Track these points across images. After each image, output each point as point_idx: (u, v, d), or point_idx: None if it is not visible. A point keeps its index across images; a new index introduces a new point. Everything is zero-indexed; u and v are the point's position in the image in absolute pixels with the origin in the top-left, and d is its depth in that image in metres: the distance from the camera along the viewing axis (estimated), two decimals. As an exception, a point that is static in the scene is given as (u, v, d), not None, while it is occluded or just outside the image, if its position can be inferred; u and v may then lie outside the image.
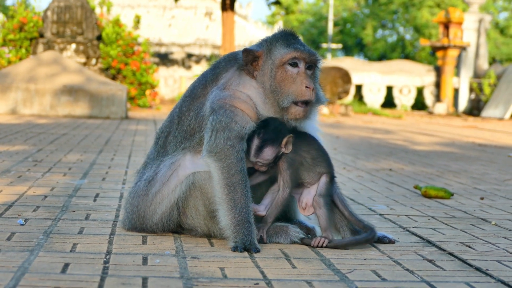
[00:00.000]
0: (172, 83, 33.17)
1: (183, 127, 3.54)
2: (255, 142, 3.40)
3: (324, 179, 3.49)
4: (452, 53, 29.42)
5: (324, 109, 22.69)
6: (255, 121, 3.44)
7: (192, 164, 3.46)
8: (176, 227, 3.58)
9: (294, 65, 3.44)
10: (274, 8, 60.70)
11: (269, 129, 3.40)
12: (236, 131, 3.37)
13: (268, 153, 3.40)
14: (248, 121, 3.41)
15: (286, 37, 3.49)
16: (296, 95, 3.42)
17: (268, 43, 3.49)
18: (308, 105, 3.45)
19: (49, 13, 20.03)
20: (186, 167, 3.48)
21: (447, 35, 29.39)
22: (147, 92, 21.92)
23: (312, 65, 3.48)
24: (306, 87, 3.41)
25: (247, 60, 3.47)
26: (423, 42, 30.93)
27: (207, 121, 3.44)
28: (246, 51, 3.48)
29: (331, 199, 3.52)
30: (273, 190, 3.49)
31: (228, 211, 3.34)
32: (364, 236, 3.48)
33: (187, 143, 3.52)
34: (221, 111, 3.40)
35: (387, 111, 28.46)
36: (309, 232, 3.62)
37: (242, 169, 3.37)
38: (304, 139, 3.51)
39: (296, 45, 3.46)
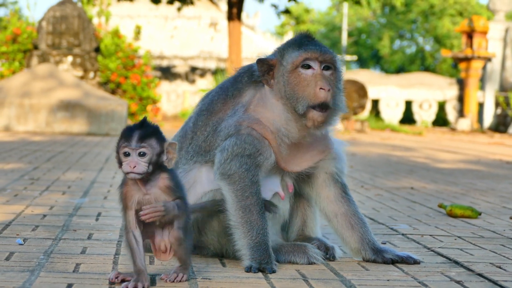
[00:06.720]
0: (175, 98, 33.28)
1: (197, 142, 3.56)
2: (138, 129, 3.02)
3: (178, 200, 3.08)
4: (476, 65, 29.42)
5: (338, 125, 22.71)
6: (278, 151, 3.47)
7: (209, 182, 3.51)
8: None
9: (307, 67, 3.42)
10: (283, 18, 60.93)
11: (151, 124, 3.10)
12: (258, 161, 3.43)
13: (153, 143, 3.00)
14: (271, 153, 3.46)
15: (299, 40, 3.49)
16: (310, 98, 3.40)
17: (281, 50, 3.51)
18: (328, 110, 3.43)
19: (44, 23, 20.18)
20: (203, 183, 3.52)
21: (471, 46, 29.41)
22: (149, 107, 22.00)
23: (329, 66, 3.45)
24: (321, 88, 3.39)
25: (263, 71, 3.49)
26: (445, 53, 30.96)
27: (224, 138, 3.47)
28: (260, 61, 3.50)
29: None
30: None
31: (245, 234, 3.38)
32: None
33: (200, 157, 3.55)
34: (248, 139, 3.42)
35: (406, 127, 28.45)
36: (327, 251, 3.64)
37: (257, 191, 3.40)
38: None
39: (307, 46, 3.44)
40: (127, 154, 3.01)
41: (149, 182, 3.04)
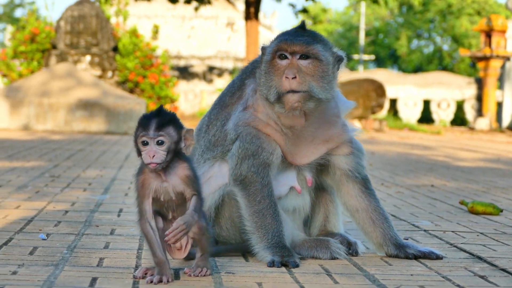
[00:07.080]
0: (193, 98, 33.33)
1: (208, 136, 3.59)
2: (155, 118, 3.02)
3: (194, 200, 3.06)
4: (495, 64, 29.28)
5: (356, 124, 22.68)
6: (283, 144, 3.46)
7: (223, 176, 3.51)
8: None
9: (284, 57, 3.38)
10: (301, 18, 60.89)
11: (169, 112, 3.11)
12: (263, 158, 3.42)
13: (171, 131, 3.00)
14: (275, 147, 3.45)
15: (288, 31, 3.47)
16: (277, 87, 3.36)
17: (272, 40, 3.49)
18: (300, 93, 3.34)
19: (62, 23, 20.26)
20: (218, 177, 3.53)
21: (489, 45, 29.27)
22: (167, 106, 22.05)
23: (308, 56, 3.37)
24: (286, 77, 3.34)
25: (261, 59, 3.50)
26: (463, 53, 30.84)
27: (230, 143, 3.48)
28: (262, 48, 3.49)
29: None
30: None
31: (260, 238, 3.40)
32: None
33: (209, 153, 3.56)
34: (248, 138, 3.43)
35: (425, 126, 28.35)
36: (350, 246, 3.64)
37: (268, 194, 3.41)
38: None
39: (283, 37, 3.40)
40: (145, 143, 3.00)
41: (167, 170, 3.03)
